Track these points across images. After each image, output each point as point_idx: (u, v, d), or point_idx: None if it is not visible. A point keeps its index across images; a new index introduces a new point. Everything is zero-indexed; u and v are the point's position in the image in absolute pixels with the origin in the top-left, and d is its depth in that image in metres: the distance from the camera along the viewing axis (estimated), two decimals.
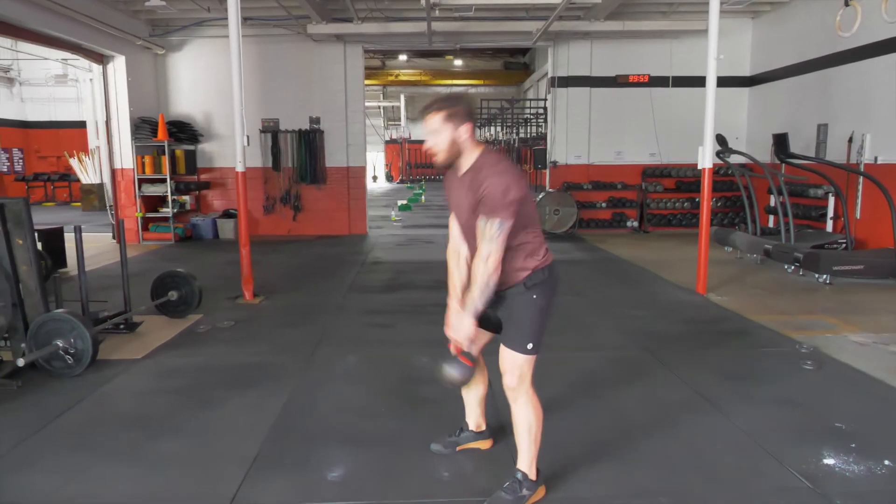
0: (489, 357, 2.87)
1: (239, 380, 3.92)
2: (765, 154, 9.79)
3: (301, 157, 10.97)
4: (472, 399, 2.94)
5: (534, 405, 2.54)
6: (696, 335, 4.94)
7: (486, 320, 2.59)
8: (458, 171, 2.48)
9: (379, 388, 3.80)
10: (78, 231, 4.48)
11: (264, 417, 3.34)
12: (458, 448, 2.98)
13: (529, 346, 2.46)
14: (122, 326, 4.91)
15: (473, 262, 2.39)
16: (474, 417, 2.98)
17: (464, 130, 2.38)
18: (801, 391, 3.73)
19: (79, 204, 17.12)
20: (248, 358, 4.38)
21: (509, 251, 2.38)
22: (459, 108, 2.38)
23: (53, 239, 7.53)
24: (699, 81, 6.90)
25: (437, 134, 2.39)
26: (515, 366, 2.48)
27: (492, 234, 2.30)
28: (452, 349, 2.54)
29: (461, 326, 2.43)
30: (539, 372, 2.55)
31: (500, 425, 3.14)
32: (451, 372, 2.47)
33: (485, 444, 3.01)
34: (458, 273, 2.65)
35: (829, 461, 2.89)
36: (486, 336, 2.70)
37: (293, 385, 3.83)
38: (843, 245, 7.52)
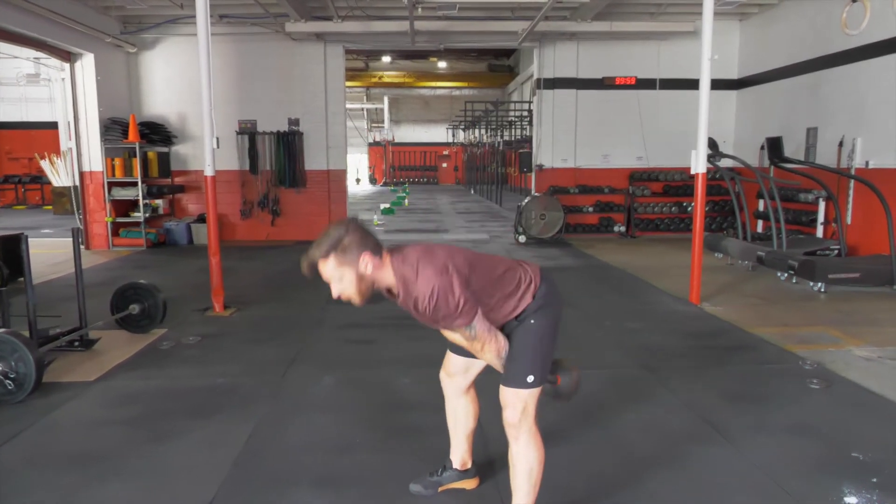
0: (482, 387, 2.58)
1: (200, 407, 3.56)
2: (753, 158, 9.61)
3: (279, 160, 10.59)
4: (460, 434, 2.62)
5: (536, 445, 2.23)
6: (695, 351, 4.67)
7: None
8: (393, 296, 2.17)
9: (356, 415, 3.46)
10: (24, 241, 4.10)
11: (226, 453, 2.98)
12: (440, 489, 2.66)
13: (530, 378, 2.16)
14: (76, 344, 4.52)
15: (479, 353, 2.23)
16: (460, 454, 2.66)
17: (364, 262, 2.03)
18: (811, 415, 3.46)
19: (50, 207, 16.58)
20: (213, 380, 4.01)
21: (493, 311, 2.15)
22: (347, 242, 2.02)
23: (13, 246, 7.10)
24: (687, 84, 6.74)
25: (339, 281, 2.05)
26: (518, 399, 2.18)
27: (471, 335, 2.12)
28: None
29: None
30: None
31: (487, 461, 2.83)
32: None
33: (470, 484, 2.70)
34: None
35: (852, 500, 2.62)
36: (480, 364, 2.40)
37: (261, 413, 3.48)
38: (836, 251, 7.34)
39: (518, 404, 2.18)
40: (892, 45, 7.29)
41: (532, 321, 2.17)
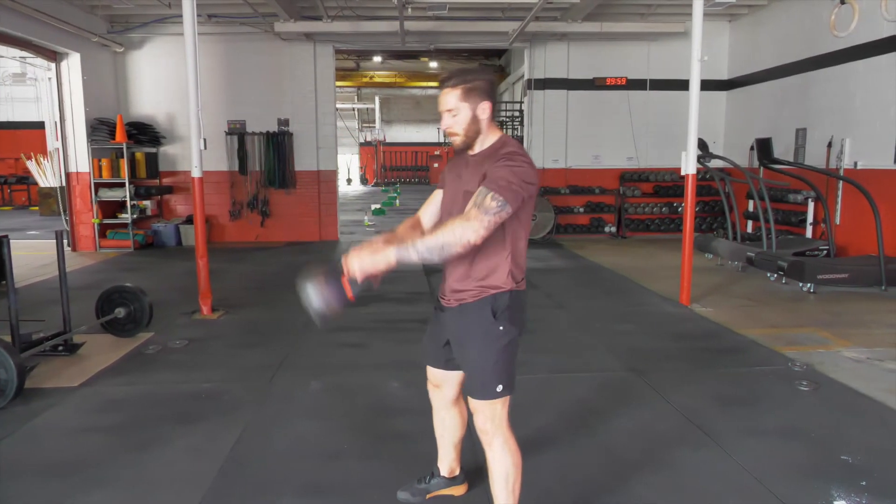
0: None
1: (185, 413, 3.51)
2: (743, 158, 9.64)
3: (269, 161, 10.52)
4: (447, 443, 2.59)
5: (511, 450, 2.20)
6: (685, 353, 4.66)
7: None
8: (468, 153, 2.17)
9: (343, 421, 3.43)
10: (6, 244, 4.03)
11: (210, 461, 2.94)
12: (427, 496, 2.63)
13: (499, 388, 2.13)
14: (61, 348, 4.46)
15: (450, 221, 1.96)
16: (447, 462, 2.63)
17: (483, 108, 2.09)
18: (800, 418, 3.46)
19: (37, 208, 16.41)
20: (199, 385, 3.96)
21: (498, 243, 2.07)
22: (478, 84, 2.08)
23: None
24: (677, 84, 6.74)
25: (453, 113, 2.09)
26: (487, 406, 2.16)
27: (489, 207, 1.90)
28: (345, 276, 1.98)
29: (373, 259, 1.91)
30: (522, 399, 2.22)
31: (476, 467, 2.79)
32: (320, 295, 1.93)
33: (458, 491, 2.67)
34: (404, 229, 2.33)
35: (841, 503, 2.61)
36: (459, 374, 2.37)
37: (247, 419, 3.43)
38: (826, 252, 7.37)
39: (487, 411, 2.16)
40: (880, 46, 7.33)
41: (501, 327, 2.11)
